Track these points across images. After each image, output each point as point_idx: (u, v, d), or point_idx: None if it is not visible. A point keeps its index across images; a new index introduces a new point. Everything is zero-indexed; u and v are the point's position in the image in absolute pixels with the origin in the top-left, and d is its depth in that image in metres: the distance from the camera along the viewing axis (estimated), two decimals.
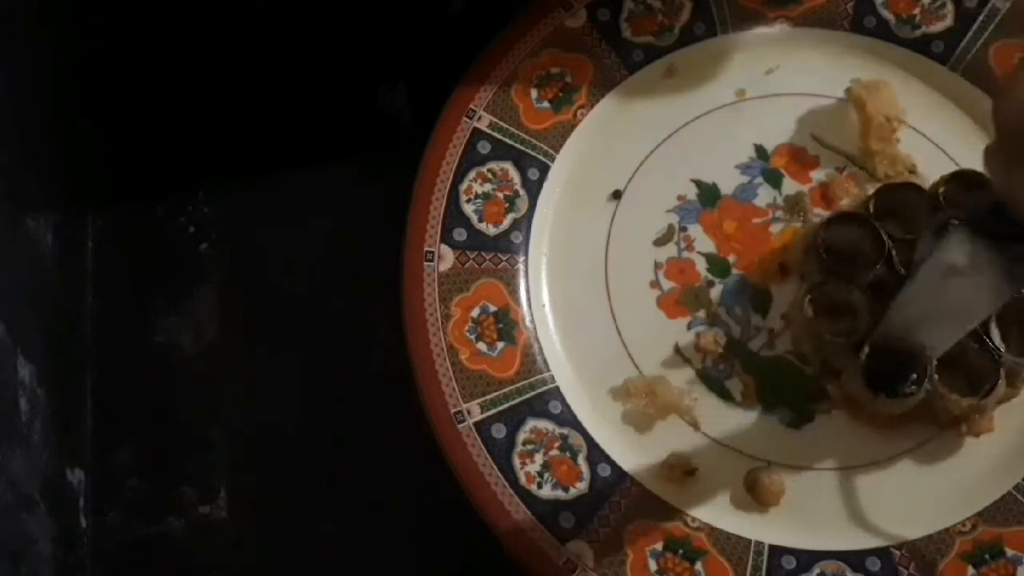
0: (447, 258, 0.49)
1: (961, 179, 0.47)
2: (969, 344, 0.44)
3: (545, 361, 0.48)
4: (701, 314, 0.49)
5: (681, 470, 0.46)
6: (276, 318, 0.53)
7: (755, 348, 0.48)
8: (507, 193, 0.51)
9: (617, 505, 0.45)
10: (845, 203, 0.50)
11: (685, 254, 0.50)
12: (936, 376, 0.44)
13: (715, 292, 0.50)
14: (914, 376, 0.44)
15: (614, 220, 0.51)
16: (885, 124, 0.50)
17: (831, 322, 0.47)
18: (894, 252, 0.46)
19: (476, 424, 0.46)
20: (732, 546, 0.44)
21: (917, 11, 0.53)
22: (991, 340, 0.44)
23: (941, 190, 0.47)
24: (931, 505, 0.45)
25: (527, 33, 0.54)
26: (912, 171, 0.50)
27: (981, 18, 0.53)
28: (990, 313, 0.43)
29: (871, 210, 0.48)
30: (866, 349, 0.44)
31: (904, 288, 0.41)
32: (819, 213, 0.50)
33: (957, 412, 0.45)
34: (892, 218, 0.48)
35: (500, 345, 0.48)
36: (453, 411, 0.47)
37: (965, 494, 0.45)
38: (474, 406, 0.47)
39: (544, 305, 0.50)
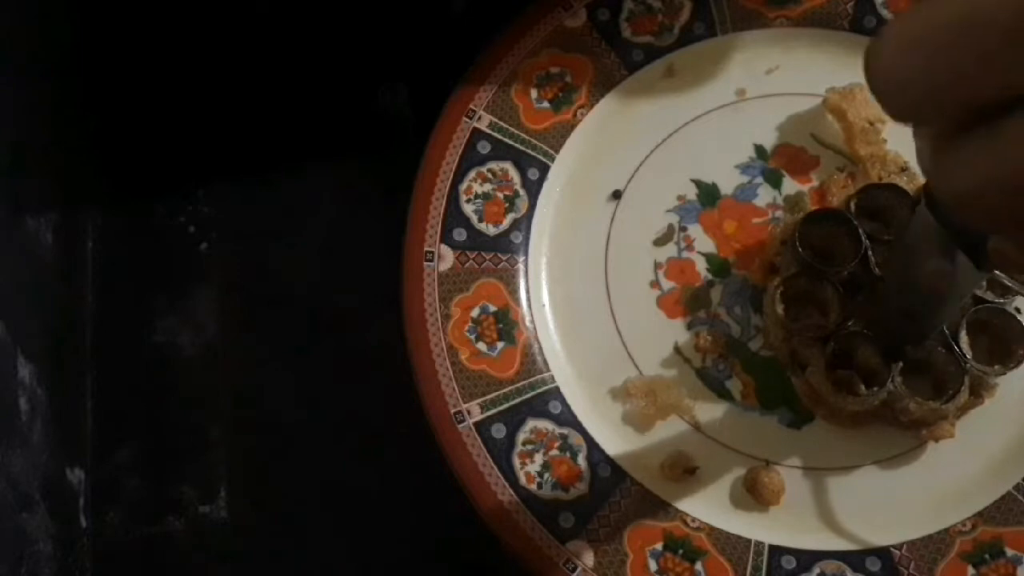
0: (447, 258, 0.49)
1: None
2: (936, 348, 0.44)
3: (545, 361, 0.48)
4: (701, 314, 0.49)
5: (681, 470, 0.46)
6: (276, 318, 0.53)
7: (755, 348, 0.48)
8: (507, 193, 0.51)
9: (617, 505, 0.45)
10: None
11: (685, 254, 0.50)
12: (900, 377, 0.44)
13: (715, 292, 0.50)
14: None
15: (614, 220, 0.51)
16: (869, 128, 0.50)
17: (801, 315, 0.47)
18: (871, 252, 0.46)
19: (476, 424, 0.46)
20: (732, 546, 0.44)
21: None
22: (959, 347, 0.44)
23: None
24: (931, 505, 0.45)
25: (527, 33, 0.53)
26: (904, 169, 0.50)
27: None
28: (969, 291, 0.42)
29: (852, 209, 0.47)
30: (832, 344, 0.45)
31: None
32: None
33: (918, 415, 0.45)
34: (874, 218, 0.47)
35: (500, 345, 0.48)
36: (453, 411, 0.47)
37: (965, 494, 0.45)
38: (474, 406, 0.47)
39: (544, 305, 0.50)
